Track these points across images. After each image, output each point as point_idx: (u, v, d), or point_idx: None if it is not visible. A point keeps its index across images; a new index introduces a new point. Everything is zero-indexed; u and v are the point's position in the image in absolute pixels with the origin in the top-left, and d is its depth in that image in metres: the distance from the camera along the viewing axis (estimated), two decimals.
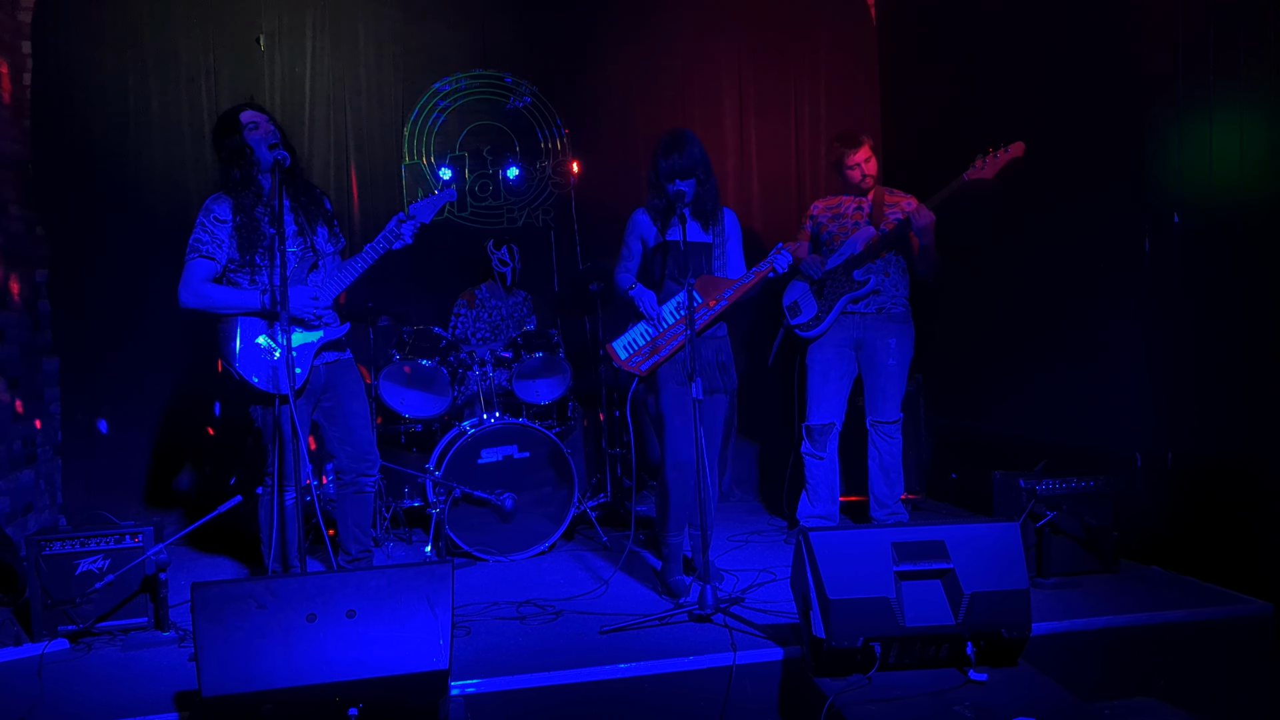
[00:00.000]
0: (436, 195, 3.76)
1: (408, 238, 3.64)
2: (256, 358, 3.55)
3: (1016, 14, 4.64)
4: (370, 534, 3.97)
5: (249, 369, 3.54)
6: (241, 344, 3.54)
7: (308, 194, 3.73)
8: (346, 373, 3.82)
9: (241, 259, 3.58)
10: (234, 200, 3.59)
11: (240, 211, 3.57)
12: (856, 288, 4.33)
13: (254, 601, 2.55)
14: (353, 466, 3.84)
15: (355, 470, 3.84)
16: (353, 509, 3.88)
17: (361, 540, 3.91)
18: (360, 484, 3.86)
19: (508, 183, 5.62)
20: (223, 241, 3.58)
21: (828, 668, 2.84)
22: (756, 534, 4.81)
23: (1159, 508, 3.89)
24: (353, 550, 3.90)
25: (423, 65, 5.50)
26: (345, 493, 3.88)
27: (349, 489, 3.86)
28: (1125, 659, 3.24)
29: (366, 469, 3.86)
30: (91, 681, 3.07)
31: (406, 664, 2.57)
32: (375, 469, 3.90)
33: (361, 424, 3.84)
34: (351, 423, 3.81)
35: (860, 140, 4.37)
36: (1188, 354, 3.78)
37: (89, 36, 5.04)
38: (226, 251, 3.59)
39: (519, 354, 4.73)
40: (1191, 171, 3.73)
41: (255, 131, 3.57)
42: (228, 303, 3.56)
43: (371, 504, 3.98)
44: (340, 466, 3.87)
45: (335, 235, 3.82)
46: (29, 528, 4.60)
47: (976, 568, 2.86)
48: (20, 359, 4.72)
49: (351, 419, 3.81)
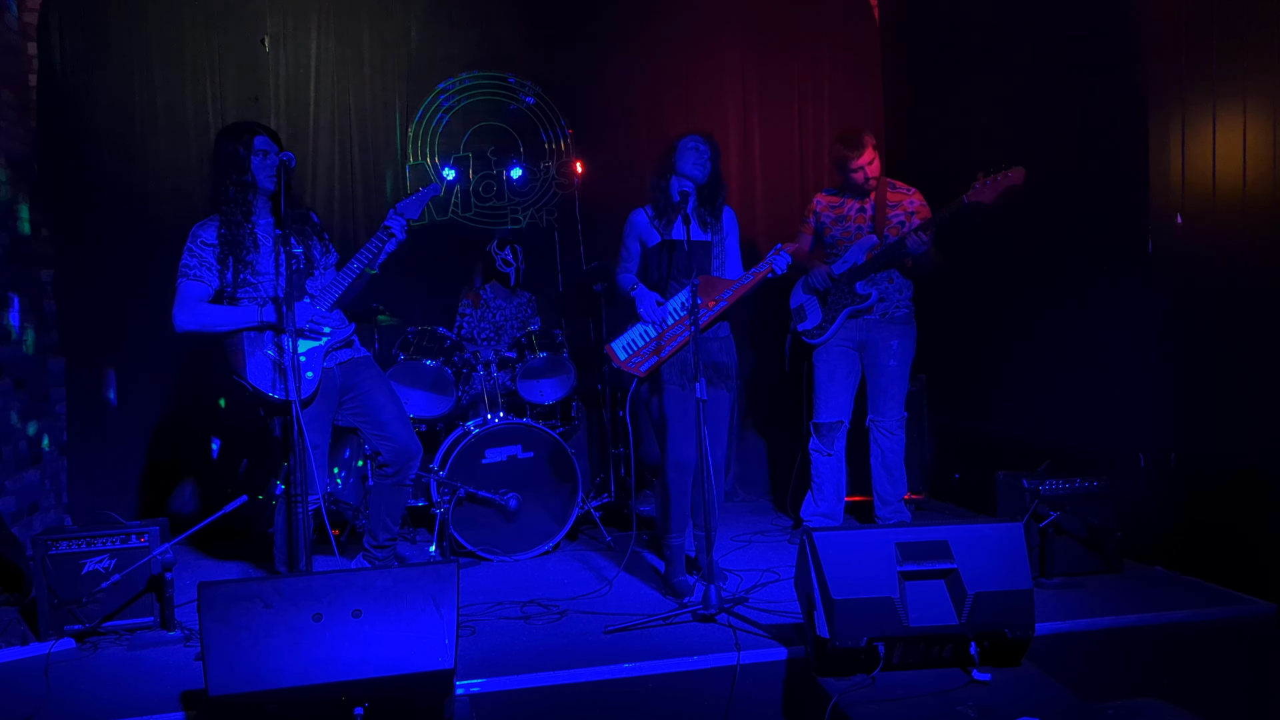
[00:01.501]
0: (421, 191, 3.78)
1: (399, 234, 3.67)
2: (267, 368, 3.57)
3: (1020, 12, 4.63)
4: (399, 523, 4.05)
5: (262, 380, 3.56)
6: (250, 357, 3.57)
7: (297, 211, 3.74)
8: (363, 369, 3.86)
9: (236, 280, 3.59)
10: (220, 217, 3.61)
11: (227, 226, 3.59)
12: (859, 301, 4.35)
13: (260, 601, 2.55)
14: (394, 460, 3.89)
15: (398, 464, 3.90)
16: (389, 498, 3.96)
17: (391, 529, 3.99)
18: (402, 478, 3.92)
19: (511, 183, 5.63)
20: (211, 265, 3.59)
21: (832, 667, 2.84)
22: (760, 534, 4.82)
23: (1162, 508, 3.89)
24: (380, 537, 3.97)
25: (427, 66, 5.50)
26: (385, 482, 3.95)
27: (389, 480, 3.93)
28: (1129, 659, 3.24)
29: (408, 462, 3.90)
30: (98, 681, 3.08)
31: (412, 663, 2.57)
32: (417, 461, 3.94)
33: (391, 416, 3.87)
34: (381, 416, 3.85)
35: (863, 142, 4.35)
36: (1191, 354, 3.78)
37: (94, 37, 5.05)
38: (217, 275, 3.60)
39: (523, 354, 4.74)
40: (1195, 172, 3.73)
41: (263, 159, 3.61)
42: (224, 321, 3.59)
43: (408, 495, 4.06)
44: (384, 460, 3.92)
45: (327, 248, 3.86)
46: (35, 527, 4.61)
47: (980, 568, 2.86)
48: (26, 359, 4.73)
49: (379, 412, 3.85)
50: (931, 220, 4.19)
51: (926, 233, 4.15)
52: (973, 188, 4.01)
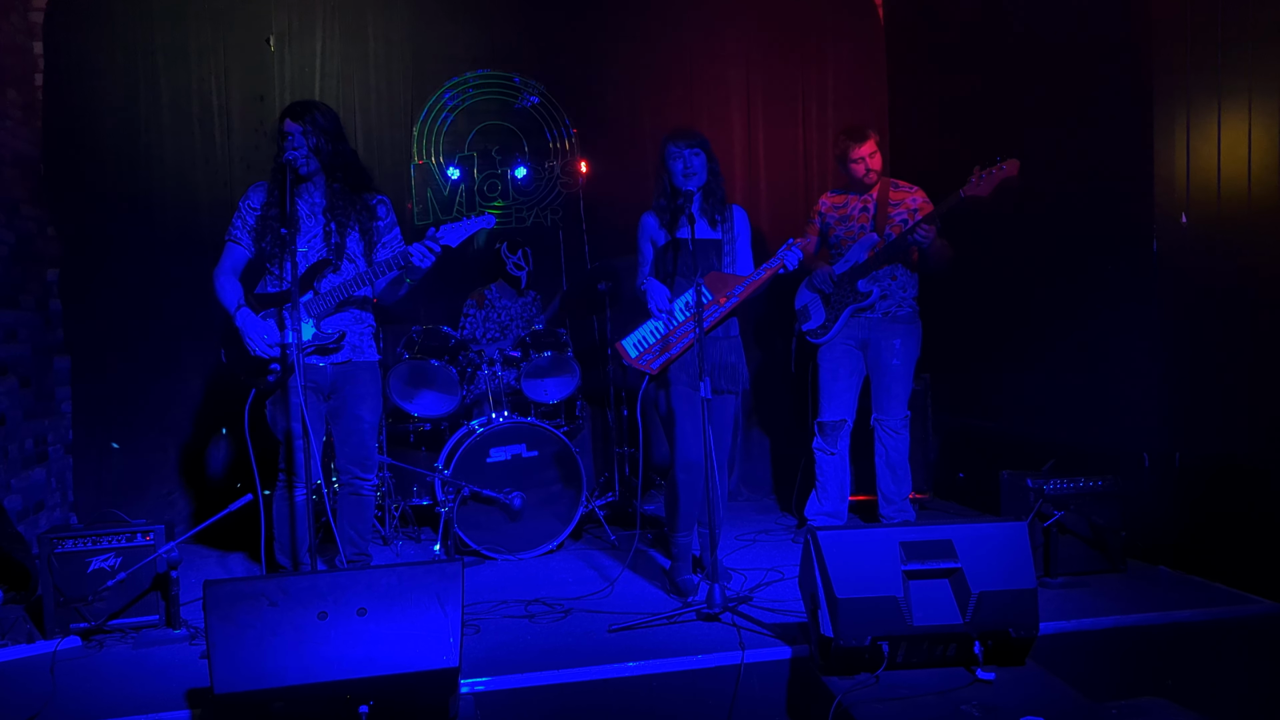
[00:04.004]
0: (469, 221, 3.63)
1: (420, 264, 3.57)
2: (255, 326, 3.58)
3: (1024, 10, 4.63)
4: (368, 539, 3.89)
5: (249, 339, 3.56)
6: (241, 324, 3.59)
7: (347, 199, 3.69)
8: (359, 374, 3.76)
9: (269, 251, 3.64)
10: (268, 190, 3.68)
11: (270, 203, 3.65)
12: (861, 299, 4.35)
13: (266, 599, 2.56)
14: (348, 468, 3.79)
15: (351, 473, 3.79)
16: (347, 511, 3.82)
17: (357, 543, 3.82)
18: (356, 486, 3.80)
19: (516, 182, 5.64)
20: (253, 228, 3.66)
21: (836, 666, 2.85)
22: (765, 533, 4.82)
23: (1167, 508, 3.89)
24: (346, 552, 3.78)
25: (431, 66, 5.51)
26: (343, 493, 3.84)
27: (345, 489, 3.83)
28: (1133, 659, 3.24)
29: (363, 473, 3.80)
30: (104, 679, 3.09)
31: (417, 662, 2.58)
32: (373, 474, 3.83)
33: (364, 429, 3.78)
34: (352, 425, 3.76)
35: (866, 134, 4.36)
36: (1195, 354, 3.78)
37: (100, 37, 5.06)
38: (256, 239, 3.65)
39: (527, 353, 4.74)
40: (1200, 170, 3.73)
41: (285, 140, 3.61)
42: (220, 297, 3.64)
43: (370, 509, 3.91)
44: (339, 466, 3.83)
45: (372, 243, 3.74)
46: (40, 526, 4.62)
47: (984, 567, 2.86)
48: (32, 358, 4.75)
49: (354, 422, 3.76)
50: (931, 216, 4.19)
51: (929, 225, 4.15)
52: (969, 181, 4.03)
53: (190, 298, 4.96)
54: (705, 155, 3.79)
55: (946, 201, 4.12)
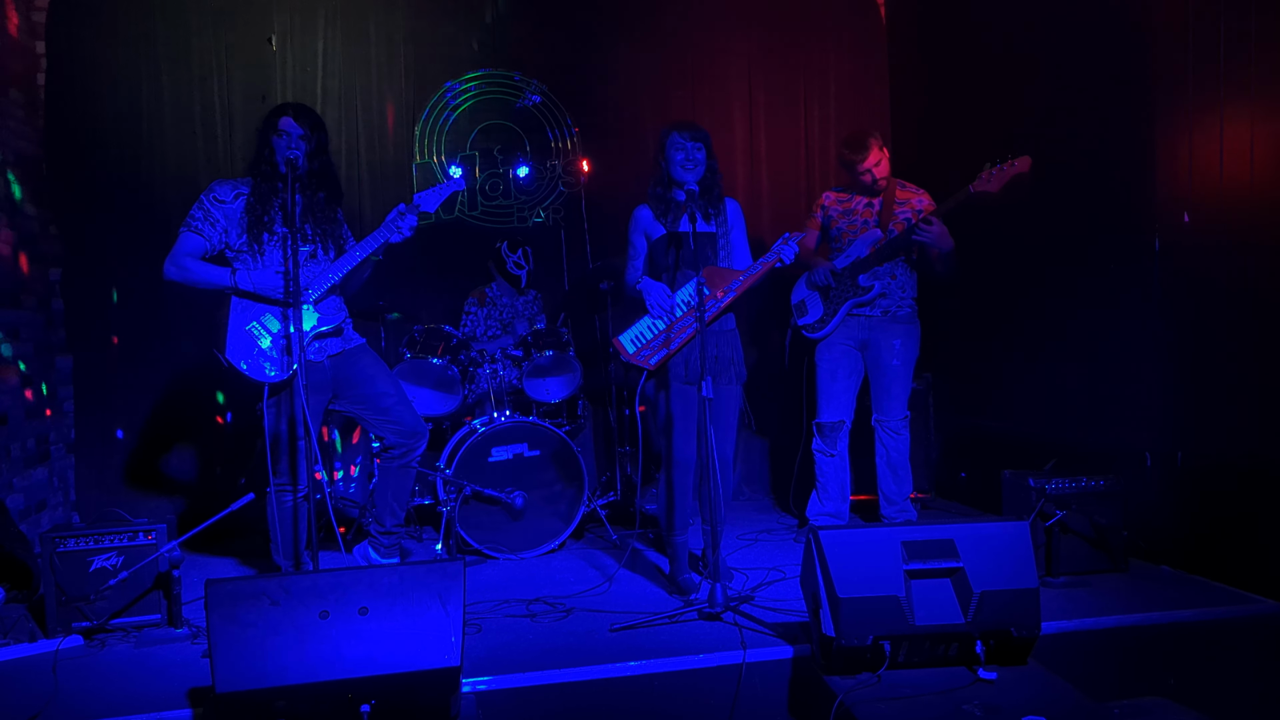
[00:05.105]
0: (443, 184, 3.80)
1: (406, 231, 3.69)
2: (243, 344, 3.61)
3: (1025, 8, 4.63)
4: (406, 508, 4.10)
5: (236, 355, 3.60)
6: (230, 331, 3.61)
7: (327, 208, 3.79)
8: (360, 358, 3.88)
9: (239, 244, 3.67)
10: (252, 185, 3.71)
11: (255, 198, 3.68)
12: (862, 293, 4.34)
13: (267, 598, 2.56)
14: (400, 442, 3.93)
15: (404, 445, 3.93)
16: (395, 482, 4.00)
17: (398, 514, 4.03)
18: (408, 458, 3.95)
19: (518, 181, 5.64)
20: (216, 220, 3.68)
21: (837, 666, 2.85)
22: (766, 532, 4.82)
23: (1169, 507, 3.89)
24: (387, 523, 4.02)
25: (433, 65, 5.51)
26: (391, 466, 3.97)
27: (395, 462, 3.95)
28: (1135, 659, 3.24)
29: (415, 442, 3.95)
30: (105, 678, 3.09)
31: (418, 661, 2.58)
32: (424, 441, 3.98)
33: (393, 401, 3.90)
34: (382, 402, 3.87)
35: (867, 145, 4.31)
36: (1197, 353, 3.77)
37: (102, 36, 5.06)
38: (220, 233, 3.68)
39: (529, 352, 4.74)
40: (1202, 170, 3.72)
41: (280, 139, 3.65)
42: (202, 278, 3.66)
43: (413, 477, 4.08)
44: (389, 443, 3.94)
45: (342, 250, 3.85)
46: (42, 525, 4.63)
47: (986, 567, 2.86)
48: (34, 357, 4.75)
49: (380, 399, 3.87)
50: (937, 211, 4.18)
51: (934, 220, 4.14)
52: (979, 177, 4.02)
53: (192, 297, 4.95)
54: (707, 151, 3.82)
55: (955, 197, 4.11)
